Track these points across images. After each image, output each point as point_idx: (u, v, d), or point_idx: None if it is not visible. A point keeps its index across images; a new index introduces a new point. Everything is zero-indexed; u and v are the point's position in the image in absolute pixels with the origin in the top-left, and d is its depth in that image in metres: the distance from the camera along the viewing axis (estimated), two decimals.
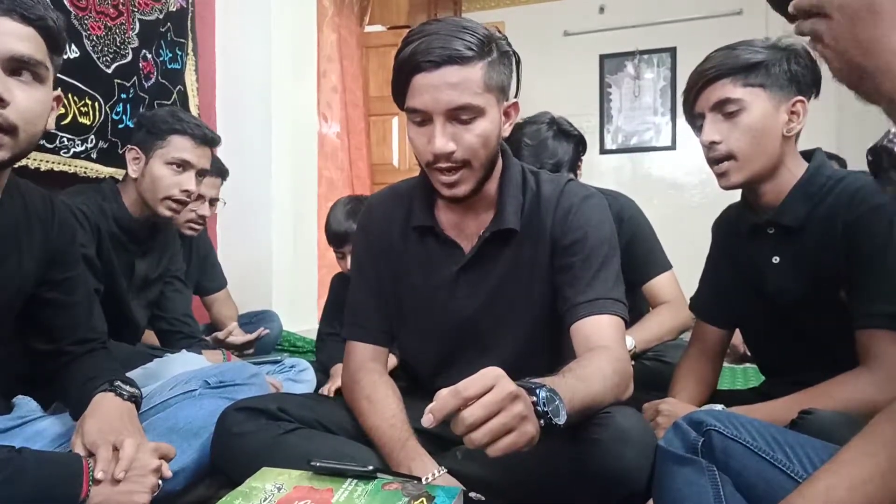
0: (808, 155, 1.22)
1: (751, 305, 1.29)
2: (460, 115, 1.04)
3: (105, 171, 2.08)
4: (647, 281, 1.80)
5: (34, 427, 1.14)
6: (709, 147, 1.19)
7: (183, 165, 1.67)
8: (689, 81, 1.22)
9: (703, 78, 1.19)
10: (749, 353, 2.21)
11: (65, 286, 1.18)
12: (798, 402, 1.06)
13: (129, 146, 1.68)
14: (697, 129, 1.22)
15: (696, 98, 1.21)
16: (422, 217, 1.21)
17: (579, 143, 1.81)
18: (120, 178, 1.94)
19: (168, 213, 1.70)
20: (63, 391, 1.17)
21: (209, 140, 1.72)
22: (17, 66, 0.95)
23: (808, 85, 1.18)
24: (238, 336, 2.03)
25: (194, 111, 2.58)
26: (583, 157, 1.85)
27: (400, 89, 1.08)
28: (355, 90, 4.28)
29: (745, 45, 1.18)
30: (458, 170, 1.08)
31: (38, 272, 1.13)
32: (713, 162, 1.20)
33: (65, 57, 1.88)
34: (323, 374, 1.90)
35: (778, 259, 1.21)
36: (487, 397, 0.74)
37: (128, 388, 1.12)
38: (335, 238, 1.98)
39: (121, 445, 0.97)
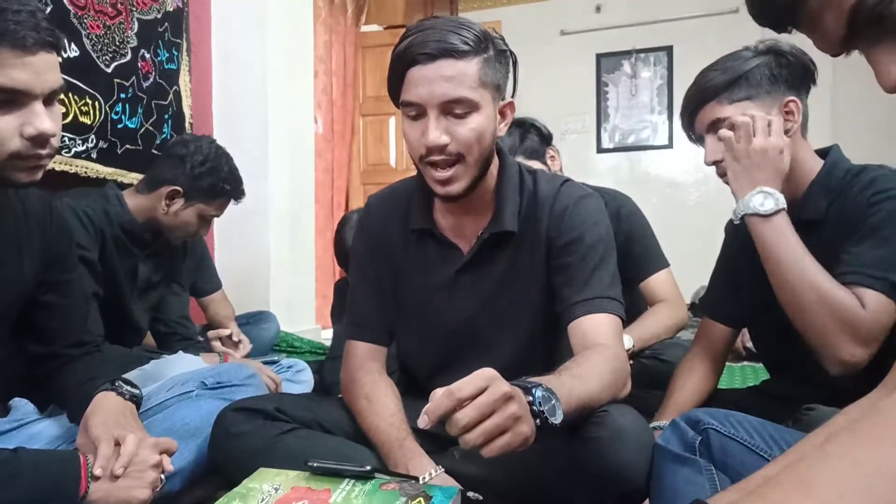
0: (823, 152, 1.21)
1: (765, 303, 1.27)
2: (454, 108, 1.04)
3: (104, 171, 2.07)
4: (645, 278, 1.80)
5: (31, 429, 1.13)
6: (713, 165, 1.21)
7: (211, 219, 1.80)
8: (682, 105, 1.25)
9: (692, 104, 1.21)
10: (744, 353, 2.22)
11: (62, 289, 1.17)
12: None
13: (172, 187, 1.70)
14: (702, 145, 1.24)
15: (691, 122, 1.23)
16: (420, 220, 1.21)
17: (524, 135, 1.86)
18: (118, 178, 1.95)
19: (176, 243, 1.85)
20: (60, 393, 1.16)
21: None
22: (53, 96, 0.97)
23: (796, 81, 1.17)
24: (228, 342, 2.01)
25: (187, 112, 2.58)
26: (546, 149, 1.91)
27: (395, 83, 1.08)
28: (343, 91, 4.29)
29: (725, 60, 1.19)
30: (451, 165, 1.08)
31: (36, 275, 1.12)
32: (721, 175, 1.21)
33: (65, 56, 1.88)
34: (321, 387, 1.90)
35: None
36: (481, 398, 0.74)
37: (128, 387, 1.12)
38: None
39: (123, 441, 0.97)
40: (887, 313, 1.03)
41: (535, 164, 1.79)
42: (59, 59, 0.98)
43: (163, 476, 0.98)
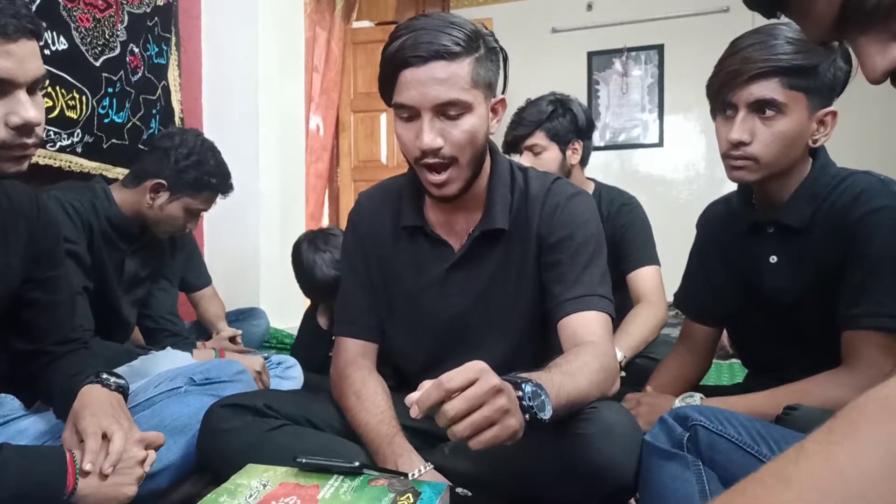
0: (811, 153, 1.17)
1: (741, 303, 1.27)
2: (448, 110, 1.04)
3: (90, 165, 2.06)
4: (634, 269, 1.82)
5: (16, 426, 1.12)
6: (734, 145, 1.11)
7: (198, 213, 1.77)
8: (729, 68, 1.10)
9: (751, 71, 1.07)
10: (731, 350, 2.23)
11: (48, 285, 1.16)
12: (777, 398, 1.06)
13: (156, 180, 1.67)
14: (724, 117, 1.13)
15: (736, 89, 1.10)
16: (411, 217, 1.21)
17: (555, 113, 1.92)
18: (103, 173, 1.92)
19: (164, 238, 1.82)
20: (46, 390, 1.15)
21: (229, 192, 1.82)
22: (36, 85, 0.95)
23: (839, 93, 1.10)
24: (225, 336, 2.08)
25: (176, 107, 2.56)
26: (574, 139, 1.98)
27: (387, 85, 1.07)
28: (327, 87, 4.26)
29: (802, 39, 1.05)
30: (446, 168, 1.08)
31: (22, 271, 1.11)
32: (732, 158, 1.12)
33: (53, 48, 1.86)
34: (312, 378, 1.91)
35: (776, 258, 1.19)
36: (470, 390, 0.74)
37: (114, 379, 1.11)
38: (324, 290, 1.93)
39: (110, 436, 0.96)
40: None
41: (552, 149, 1.86)
42: (46, 50, 0.97)
43: (146, 469, 0.98)
